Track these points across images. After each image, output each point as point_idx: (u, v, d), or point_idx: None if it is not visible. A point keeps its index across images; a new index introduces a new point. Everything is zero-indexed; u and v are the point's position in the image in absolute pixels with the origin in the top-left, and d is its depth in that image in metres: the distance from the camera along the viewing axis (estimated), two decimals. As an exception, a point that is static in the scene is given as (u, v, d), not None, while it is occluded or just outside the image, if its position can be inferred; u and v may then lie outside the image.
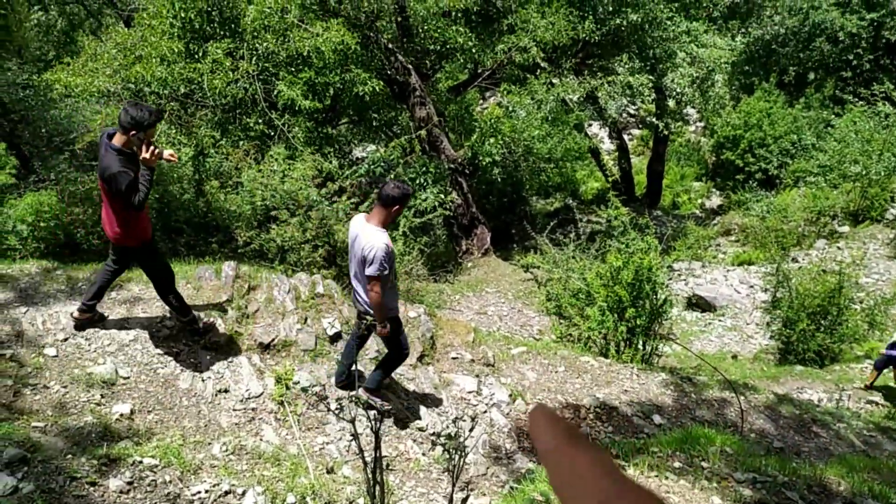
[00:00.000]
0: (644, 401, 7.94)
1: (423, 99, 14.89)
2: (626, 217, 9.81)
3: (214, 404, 5.70)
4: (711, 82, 18.28)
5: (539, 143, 17.29)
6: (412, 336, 7.49)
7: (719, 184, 24.61)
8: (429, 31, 13.87)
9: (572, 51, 16.85)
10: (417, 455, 6.05)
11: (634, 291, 8.70)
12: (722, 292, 16.30)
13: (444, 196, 14.05)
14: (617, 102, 21.49)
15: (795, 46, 24.33)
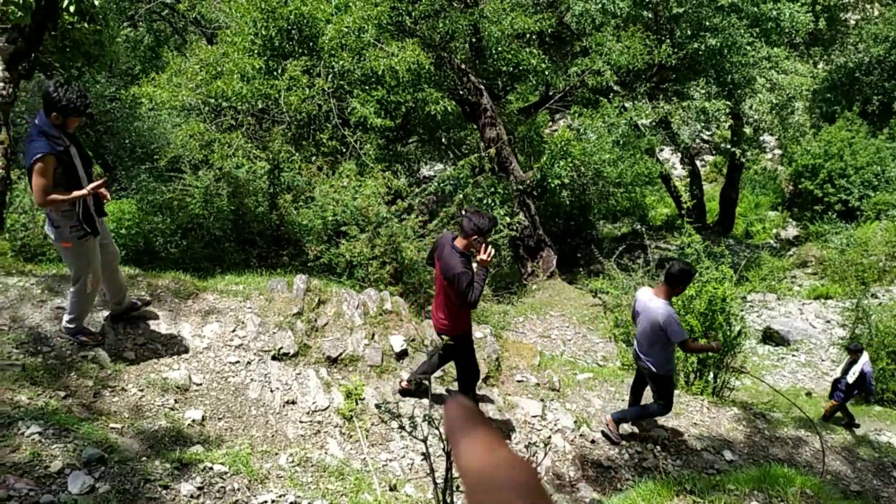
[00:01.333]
0: (714, 435, 7.68)
1: (494, 119, 14.92)
2: (700, 245, 9.56)
3: (282, 415, 5.76)
4: (791, 109, 17.82)
5: (609, 166, 17.07)
6: (477, 357, 7.44)
7: (796, 214, 23.84)
8: (502, 52, 13.91)
9: (647, 74, 16.65)
10: (480, 478, 5.97)
11: (707, 321, 8.44)
12: (796, 326, 15.73)
13: (510, 217, 13.98)
14: (690, 128, 21.15)
15: (880, 75, 23.48)
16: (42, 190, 4.69)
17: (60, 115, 4.71)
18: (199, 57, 12.44)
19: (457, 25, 12.97)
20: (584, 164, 16.46)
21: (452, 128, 17.25)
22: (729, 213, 23.66)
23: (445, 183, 11.96)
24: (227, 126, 11.97)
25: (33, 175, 4.68)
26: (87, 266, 5.16)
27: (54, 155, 4.70)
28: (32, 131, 4.78)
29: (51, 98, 4.66)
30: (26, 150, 4.77)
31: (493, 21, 13.25)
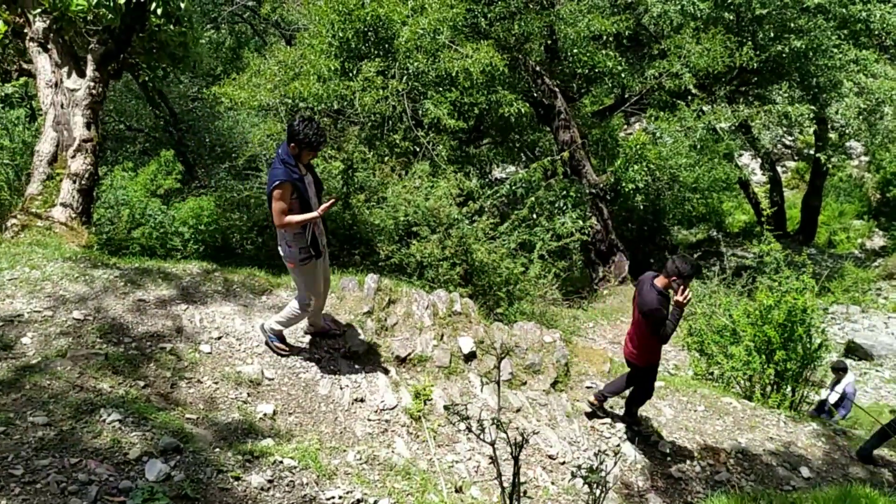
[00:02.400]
0: (791, 451, 7.40)
1: (568, 122, 14.77)
2: (780, 253, 9.23)
3: (350, 412, 5.83)
4: (880, 114, 16.98)
5: (685, 171, 16.69)
6: (546, 361, 7.37)
7: (883, 223, 22.78)
8: (577, 54, 13.77)
9: (727, 77, 16.18)
10: (546, 483, 5.93)
11: (786, 333, 8.14)
12: (881, 340, 15.04)
13: (583, 221, 13.81)
14: (772, 132, 20.45)
15: (978, 78, 22.22)
16: (280, 213, 5.17)
17: (297, 146, 5.17)
18: (278, 58, 12.74)
19: (532, 27, 12.90)
20: (660, 168, 16.13)
21: (525, 130, 17.13)
22: (811, 222, 22.78)
23: (517, 186, 11.90)
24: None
25: (273, 199, 5.17)
26: (310, 286, 5.64)
27: (290, 182, 5.14)
28: (275, 159, 5.26)
29: (292, 130, 5.15)
30: (268, 176, 5.32)
31: (569, 23, 13.14)
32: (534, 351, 7.34)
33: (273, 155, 7.48)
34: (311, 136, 5.13)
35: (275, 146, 11.71)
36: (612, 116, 17.84)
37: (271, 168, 5.30)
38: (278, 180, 5.11)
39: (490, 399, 6.47)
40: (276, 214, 5.19)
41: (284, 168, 5.16)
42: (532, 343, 7.45)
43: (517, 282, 9.91)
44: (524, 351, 7.29)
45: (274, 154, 5.52)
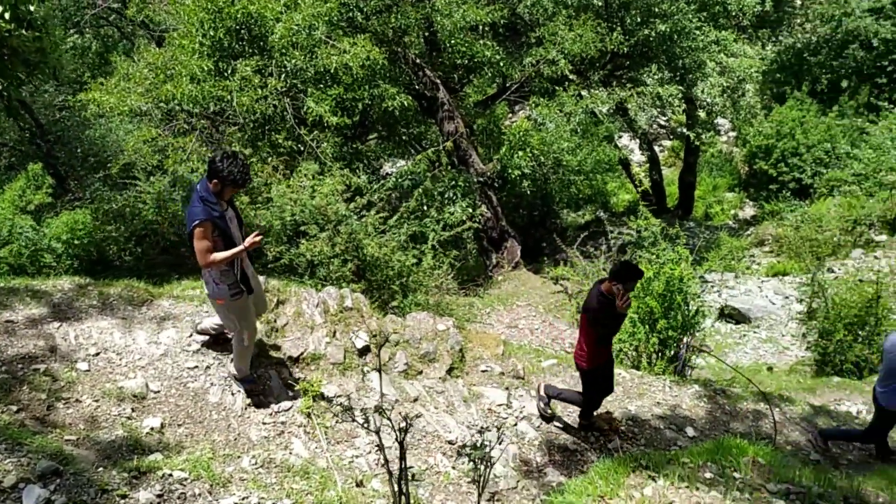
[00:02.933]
0: (677, 413, 7.81)
1: (452, 113, 14.93)
2: (657, 228, 9.69)
3: (244, 417, 5.73)
4: (742, 92, 18.05)
5: (569, 155, 17.19)
6: (441, 349, 7.47)
7: (752, 194, 24.23)
8: (456, 45, 13.92)
9: (601, 62, 16.78)
10: (447, 468, 6.01)
11: (665, 302, 8.57)
12: (756, 304, 16.02)
13: (472, 210, 14.02)
14: (647, 113, 21.34)
15: (828, 54, 23.95)
16: (203, 252, 5.05)
17: (220, 183, 5.05)
18: (148, 61, 12.26)
19: (409, 20, 12.94)
20: (544, 153, 16.55)
21: (411, 123, 17.20)
22: (688, 197, 23.97)
23: (403, 178, 11.95)
24: (181, 130, 11.82)
25: (194, 239, 5.04)
26: (242, 320, 5.49)
27: (210, 221, 5.02)
28: (194, 197, 5.12)
29: (215, 167, 5.02)
30: (187, 214, 5.19)
31: (445, 14, 13.25)
32: (428, 340, 7.42)
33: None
34: (236, 174, 5.03)
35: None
36: (496, 105, 18.15)
37: (189, 206, 5.16)
38: (198, 219, 4.98)
39: (387, 391, 6.50)
40: (200, 254, 5.05)
41: (203, 206, 5.02)
42: (426, 332, 7.52)
43: (410, 274, 9.99)
44: (418, 341, 7.35)
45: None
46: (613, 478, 4.22)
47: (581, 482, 4.33)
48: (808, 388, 11.00)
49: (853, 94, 23.37)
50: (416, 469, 5.83)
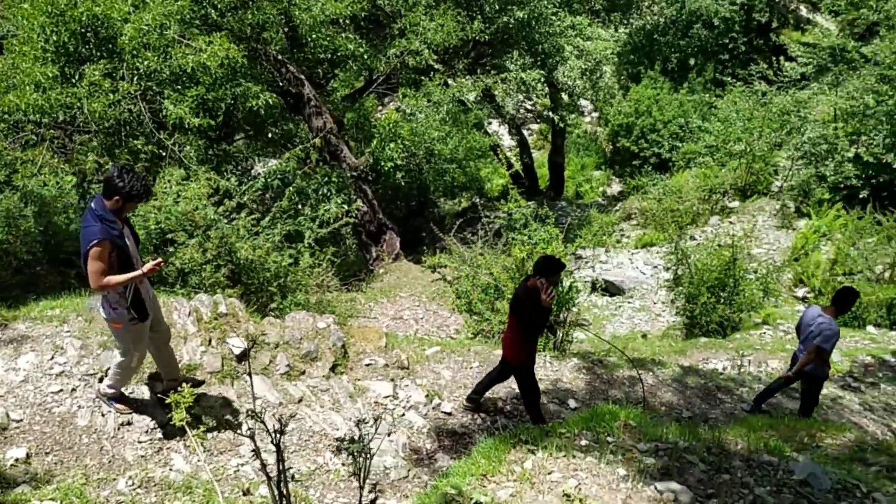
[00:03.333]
0: (558, 387, 8.10)
1: (319, 108, 14.74)
2: (527, 210, 9.97)
3: (118, 438, 5.48)
4: (600, 73, 18.85)
5: (440, 144, 17.35)
6: (323, 347, 7.40)
7: (618, 171, 25.37)
8: (318, 39, 13.71)
9: (464, 51, 17.05)
10: (337, 466, 5.98)
11: (540, 281, 8.83)
12: (628, 275, 16.79)
13: (348, 205, 13.93)
14: (513, 99, 21.85)
15: (675, 34, 25.37)
16: (98, 273, 4.79)
17: (122, 200, 4.87)
18: (-15, 70, 11.39)
19: (266, 15, 12.61)
20: (415, 143, 16.65)
21: (279, 121, 16.86)
22: (558, 177, 24.79)
23: (273, 178, 11.69)
24: (30, 142, 11.07)
25: (89, 259, 4.77)
26: (137, 345, 5.31)
27: (109, 240, 4.81)
28: (88, 216, 4.88)
29: (114, 184, 4.83)
30: (81, 234, 4.87)
31: (304, 8, 13.01)
32: (309, 339, 7.33)
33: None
34: (138, 187, 4.89)
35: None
36: (364, 98, 18.08)
37: (84, 226, 4.88)
38: (96, 238, 4.74)
39: (269, 394, 6.39)
40: (94, 276, 4.80)
41: (101, 225, 4.80)
42: (306, 332, 7.43)
43: (288, 274, 9.81)
44: (299, 341, 7.26)
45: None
46: (495, 455, 4.34)
47: (465, 463, 4.42)
48: (679, 351, 11.67)
49: (700, 70, 24.89)
50: (306, 469, 5.77)
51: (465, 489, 3.84)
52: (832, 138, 17.17)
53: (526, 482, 4.02)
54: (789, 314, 13.81)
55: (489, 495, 3.77)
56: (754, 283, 12.84)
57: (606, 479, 4.16)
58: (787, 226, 17.35)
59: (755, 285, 12.78)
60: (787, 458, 4.71)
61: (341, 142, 15.51)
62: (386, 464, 6.06)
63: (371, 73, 17.08)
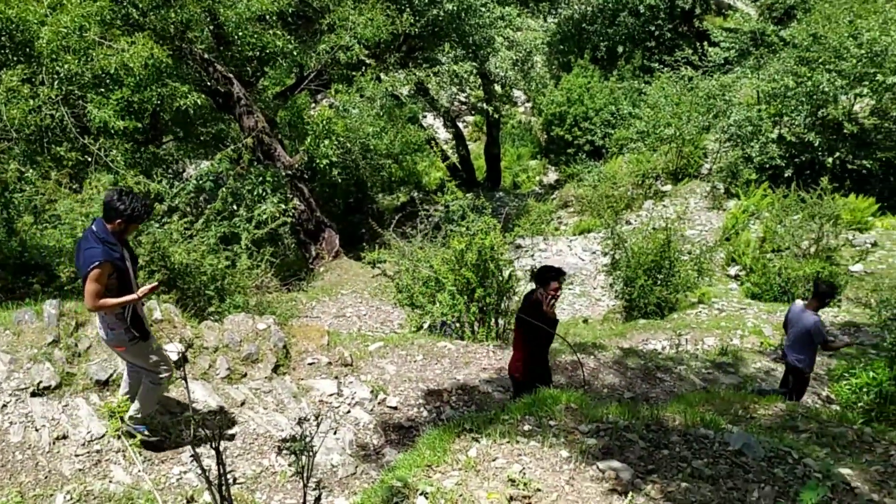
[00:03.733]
0: (502, 375, 8.17)
1: (250, 107, 14.51)
2: (464, 201, 10.02)
3: (53, 453, 5.31)
4: (531, 64, 19.06)
5: (375, 139, 17.30)
6: (264, 348, 7.31)
7: (553, 159, 25.67)
8: (245, 37, 13.48)
9: (395, 45, 16.99)
10: (283, 467, 5.92)
11: (480, 272, 8.91)
12: (568, 262, 17.06)
13: (285, 204, 13.75)
14: (447, 92, 21.95)
15: (602, 23, 25.80)
16: (94, 295, 4.77)
17: (125, 222, 4.90)
18: None
19: (190, 14, 12.34)
20: (350, 140, 16.56)
21: (209, 121, 16.56)
22: (495, 168, 24.97)
23: (205, 180, 11.46)
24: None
25: (87, 281, 4.74)
26: (148, 363, 5.28)
27: (110, 262, 4.80)
28: (88, 237, 4.88)
29: (115, 207, 4.83)
30: (81, 256, 4.84)
31: (229, 6, 12.78)
32: (249, 341, 7.23)
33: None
34: (139, 209, 4.91)
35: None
36: (296, 96, 17.86)
37: (84, 248, 4.84)
38: (97, 260, 4.72)
39: (210, 399, 6.28)
40: (90, 297, 4.77)
41: (104, 247, 4.80)
42: (246, 334, 7.33)
43: (225, 276, 9.65)
44: (239, 343, 7.15)
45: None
46: (440, 445, 4.36)
47: (410, 455, 4.44)
48: (620, 333, 11.94)
49: (629, 58, 25.37)
50: (251, 473, 5.70)
51: (410, 481, 3.86)
52: (756, 120, 17.74)
53: (471, 470, 4.06)
54: (723, 292, 14.26)
55: (434, 485, 3.79)
56: (689, 264, 13.19)
57: (550, 461, 4.23)
58: (718, 207, 17.88)
59: (690, 266, 13.14)
60: (722, 431, 4.86)
61: (274, 140, 15.30)
62: (333, 462, 6.04)
63: (302, 70, 16.90)
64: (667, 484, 4.06)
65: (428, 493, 3.73)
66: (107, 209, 4.89)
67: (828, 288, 7.74)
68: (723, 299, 13.65)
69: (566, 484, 4.00)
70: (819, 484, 3.96)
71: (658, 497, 3.91)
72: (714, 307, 13.20)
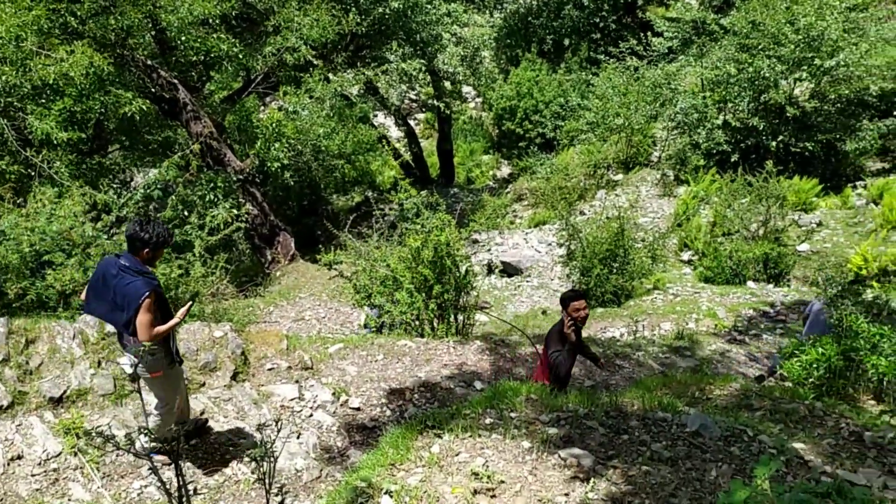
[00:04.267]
0: (464, 370, 8.22)
1: (197, 113, 14.29)
2: (418, 199, 10.04)
3: (8, 474, 5.18)
4: (479, 59, 19.14)
5: (326, 140, 17.21)
6: (222, 356, 7.23)
7: (506, 153, 25.84)
8: (188, 41, 13.24)
9: (342, 45, 16.90)
10: (246, 475, 5.87)
11: (437, 268, 8.93)
12: (525, 255, 17.18)
13: (237, 209, 13.58)
14: (396, 90, 21.91)
15: (548, 16, 26.03)
16: (149, 325, 4.85)
17: (152, 250, 5.01)
18: None
19: (131, 20, 12.08)
20: (301, 142, 16.46)
21: (155, 129, 16.25)
22: (448, 165, 25.03)
23: (152, 188, 11.25)
24: None
25: (140, 313, 4.80)
26: (176, 391, 5.41)
27: (154, 291, 4.90)
28: (123, 273, 4.92)
29: (140, 238, 4.95)
30: (122, 292, 4.88)
31: (170, 10, 12.55)
32: (206, 350, 7.14)
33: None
34: (163, 234, 5.04)
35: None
36: (244, 99, 17.65)
37: (125, 283, 4.89)
38: (147, 290, 4.82)
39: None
40: (145, 328, 4.83)
41: (144, 278, 4.90)
42: (203, 342, 7.23)
43: (179, 285, 9.51)
44: (195, 352, 7.05)
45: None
46: (403, 443, 4.37)
47: (373, 455, 4.44)
48: (578, 323, 12.05)
49: (575, 50, 25.65)
50: (214, 482, 5.64)
51: (374, 481, 3.86)
52: (701, 107, 18.10)
53: (434, 466, 4.08)
54: (677, 278, 14.53)
55: (399, 483, 3.81)
56: (643, 251, 13.42)
57: (512, 453, 4.27)
58: (669, 193, 18.20)
59: (644, 253, 13.36)
60: (679, 413, 4.97)
61: (223, 145, 15.10)
62: (297, 466, 6.01)
63: (249, 73, 16.70)
64: (627, 468, 4.13)
65: (392, 491, 3.74)
66: (132, 241, 4.99)
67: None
68: (677, 284, 13.91)
69: (529, 474, 4.05)
70: (772, 458, 4.08)
71: (619, 481, 3.98)
72: (669, 292, 13.44)
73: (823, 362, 6.91)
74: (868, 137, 16.47)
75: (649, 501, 3.79)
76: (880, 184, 15.71)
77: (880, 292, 10.87)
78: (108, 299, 4.95)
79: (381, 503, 3.69)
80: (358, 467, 4.46)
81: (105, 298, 4.98)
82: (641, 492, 3.87)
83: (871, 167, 17.91)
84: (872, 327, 6.92)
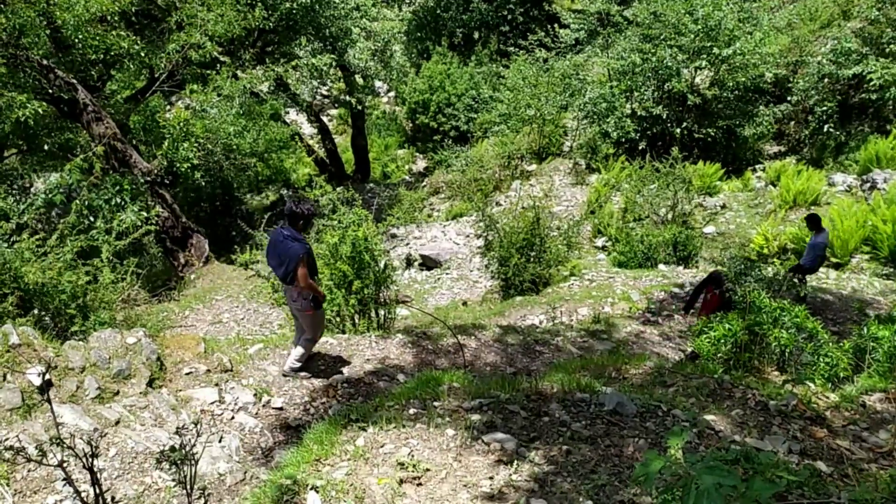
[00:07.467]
0: (386, 364, 8.22)
1: (98, 113, 13.74)
2: (334, 195, 9.97)
3: None
4: (390, 53, 19.11)
5: (237, 138, 16.85)
6: (136, 363, 7.00)
7: (420, 147, 25.93)
8: (86, 39, 12.70)
9: (250, 41, 16.57)
10: (167, 483, 5.72)
11: (356, 264, 8.90)
12: (443, 247, 17.30)
13: (147, 212, 13.15)
14: (307, 86, 21.61)
15: (457, 9, 26.23)
16: (305, 276, 6.58)
17: (304, 221, 6.64)
18: None
19: (23, 19, 11.51)
20: (211, 140, 16.06)
21: (55, 131, 15.54)
22: (363, 160, 24.91)
23: (54, 193, 10.77)
24: None
25: (300, 266, 6.53)
26: (319, 326, 7.31)
27: (307, 252, 6.59)
28: (285, 240, 6.57)
29: (296, 212, 6.53)
30: (285, 253, 6.57)
31: (65, 8, 12.02)
32: (119, 357, 6.90)
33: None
34: (311, 209, 6.60)
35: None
36: (149, 98, 17.08)
37: (288, 246, 6.52)
38: (304, 251, 6.49)
39: (81, 422, 5.96)
40: (304, 277, 6.56)
41: (300, 243, 6.52)
42: (115, 350, 6.99)
43: (87, 293, 9.17)
44: (107, 361, 6.81)
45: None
46: (327, 438, 4.36)
47: (297, 452, 4.41)
48: (498, 312, 12.25)
49: (485, 43, 25.95)
50: (133, 493, 5.48)
51: (300, 477, 3.84)
52: (609, 97, 18.61)
53: (360, 459, 4.09)
54: (592, 264, 14.92)
55: (324, 478, 3.80)
56: (558, 239, 13.71)
57: (437, 441, 4.32)
58: (581, 182, 18.64)
59: (559, 241, 13.65)
60: (597, 393, 5.13)
61: (129, 146, 14.57)
62: (220, 470, 5.89)
63: (152, 72, 16.17)
64: (549, 449, 4.24)
65: (318, 486, 3.73)
66: (291, 216, 6.53)
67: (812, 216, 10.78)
68: (592, 270, 14.27)
69: (454, 461, 4.11)
70: (684, 430, 4.27)
71: (541, 462, 4.08)
72: (585, 278, 13.78)
73: (730, 337, 7.26)
74: (765, 122, 17.32)
75: (571, 479, 3.91)
76: (777, 166, 16.56)
77: (780, 269, 11.48)
78: (277, 258, 6.60)
79: (308, 499, 3.67)
80: (282, 465, 4.42)
81: (275, 257, 6.65)
82: (563, 470, 3.98)
83: (768, 150, 18.84)
84: (773, 302, 7.31)
